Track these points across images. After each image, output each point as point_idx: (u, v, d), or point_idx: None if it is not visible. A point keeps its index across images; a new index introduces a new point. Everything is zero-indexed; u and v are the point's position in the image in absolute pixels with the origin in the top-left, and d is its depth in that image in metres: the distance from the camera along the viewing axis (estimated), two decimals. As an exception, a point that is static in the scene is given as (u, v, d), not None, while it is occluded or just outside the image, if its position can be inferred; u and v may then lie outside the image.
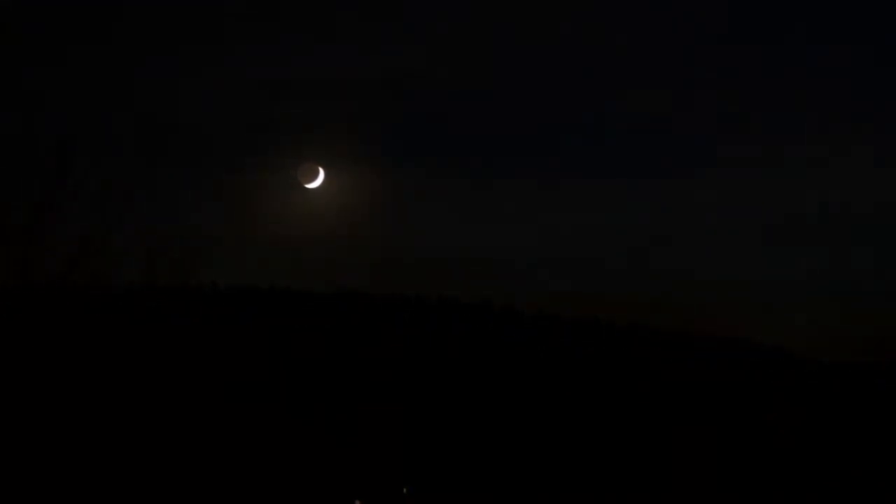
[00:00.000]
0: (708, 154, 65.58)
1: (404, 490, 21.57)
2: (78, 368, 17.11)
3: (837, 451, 22.03)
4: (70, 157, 18.61)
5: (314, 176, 22.86)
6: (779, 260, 59.78)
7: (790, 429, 22.92)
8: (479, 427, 22.96)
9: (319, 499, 20.62)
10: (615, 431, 22.44)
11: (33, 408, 16.34)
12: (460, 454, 22.43)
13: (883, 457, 21.47)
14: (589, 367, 25.35)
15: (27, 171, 18.53)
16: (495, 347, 26.52)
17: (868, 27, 57.70)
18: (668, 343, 28.74)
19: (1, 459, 15.59)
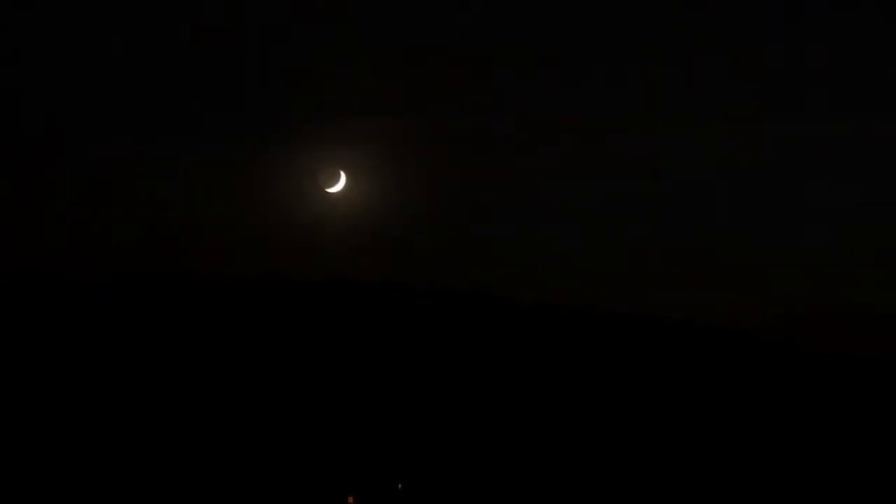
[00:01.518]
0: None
1: (398, 486, 21.39)
2: (62, 361, 16.97)
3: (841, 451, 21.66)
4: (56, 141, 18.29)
5: (335, 180, 22.55)
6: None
7: (795, 426, 22.57)
8: (476, 422, 22.69)
9: (312, 494, 20.50)
10: (615, 429, 22.09)
11: (23, 403, 16.27)
12: (455, 449, 22.17)
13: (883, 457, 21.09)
14: (589, 361, 25.01)
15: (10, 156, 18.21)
16: (493, 339, 26.21)
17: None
18: (668, 333, 28.13)
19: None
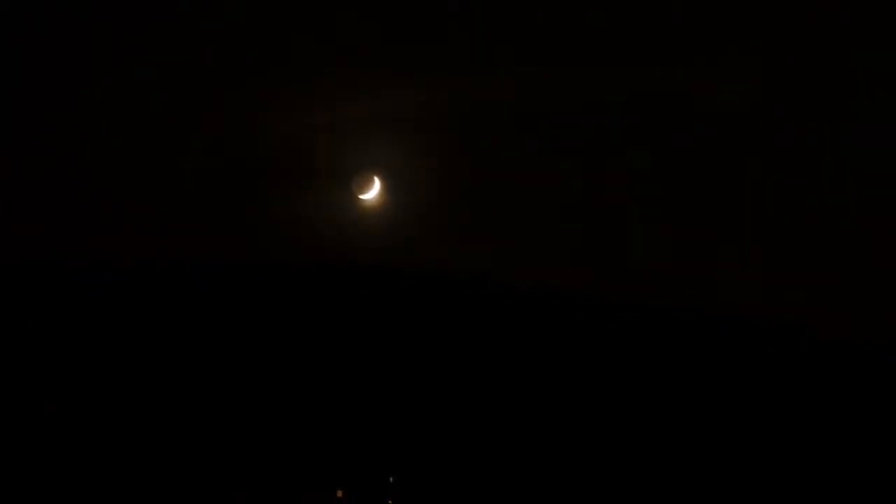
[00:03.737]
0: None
1: (390, 479, 21.37)
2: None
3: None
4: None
5: (369, 186, 22.41)
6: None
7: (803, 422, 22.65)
8: (470, 415, 22.73)
9: (300, 488, 20.47)
10: (617, 425, 22.18)
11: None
12: (449, 442, 22.24)
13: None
14: (590, 352, 24.95)
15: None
16: (490, 327, 26.12)
17: None
18: (677, 321, 27.66)
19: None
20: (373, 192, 22.95)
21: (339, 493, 21.05)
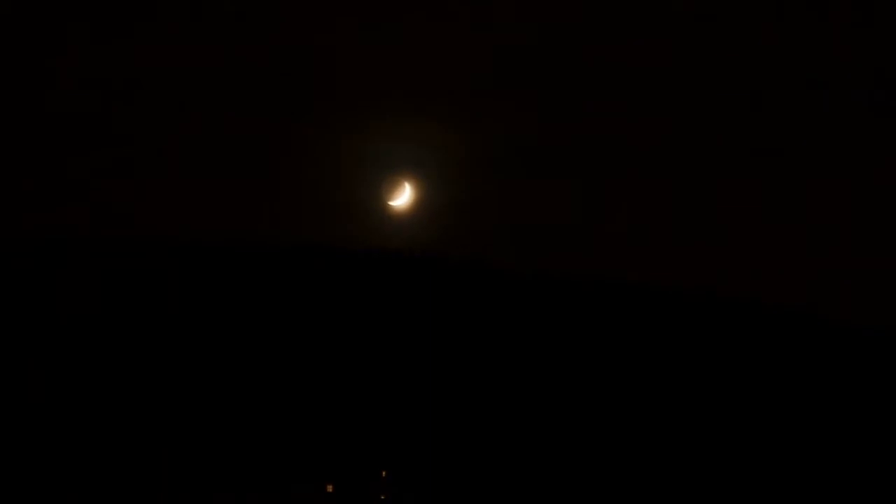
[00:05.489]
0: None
1: (383, 474, 21.33)
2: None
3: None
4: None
5: (400, 191, 22.29)
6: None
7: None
8: (467, 408, 22.74)
9: (290, 484, 20.44)
10: (619, 423, 22.12)
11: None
12: (445, 436, 22.23)
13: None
14: (589, 343, 24.86)
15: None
16: (489, 316, 25.98)
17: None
18: (680, 308, 27.22)
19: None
20: (403, 197, 22.75)
21: (329, 488, 21.00)
